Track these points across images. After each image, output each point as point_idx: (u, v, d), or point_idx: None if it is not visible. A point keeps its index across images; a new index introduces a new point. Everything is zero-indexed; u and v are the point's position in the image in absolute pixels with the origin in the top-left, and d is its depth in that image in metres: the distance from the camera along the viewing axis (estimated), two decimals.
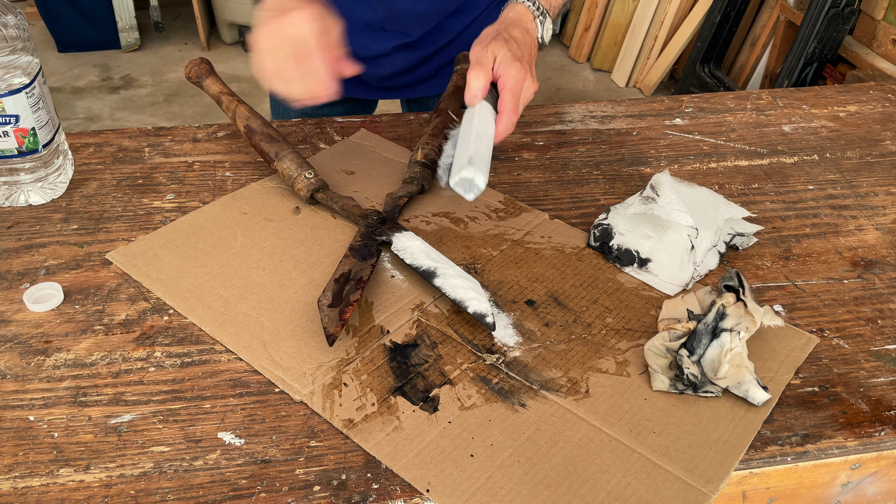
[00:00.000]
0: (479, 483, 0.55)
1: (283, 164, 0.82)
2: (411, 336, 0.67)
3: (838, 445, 0.59)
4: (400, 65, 1.03)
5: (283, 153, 0.83)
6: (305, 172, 0.81)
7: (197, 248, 0.75)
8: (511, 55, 0.74)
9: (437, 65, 1.06)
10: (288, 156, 0.83)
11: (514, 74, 0.73)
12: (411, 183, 0.83)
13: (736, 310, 0.64)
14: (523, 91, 0.74)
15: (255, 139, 0.85)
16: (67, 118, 2.64)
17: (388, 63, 1.02)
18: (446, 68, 1.06)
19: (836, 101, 1.07)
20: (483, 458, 0.57)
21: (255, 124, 0.85)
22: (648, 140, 0.96)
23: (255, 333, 0.66)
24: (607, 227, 0.76)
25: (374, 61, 1.01)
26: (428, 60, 1.04)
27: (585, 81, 3.00)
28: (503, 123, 0.73)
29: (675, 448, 0.58)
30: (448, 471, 0.56)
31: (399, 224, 0.78)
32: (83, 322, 0.67)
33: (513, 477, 0.55)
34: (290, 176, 0.82)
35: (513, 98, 0.73)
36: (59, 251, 0.75)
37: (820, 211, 0.84)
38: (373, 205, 0.82)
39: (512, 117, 0.74)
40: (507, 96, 0.74)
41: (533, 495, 0.54)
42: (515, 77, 0.73)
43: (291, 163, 0.82)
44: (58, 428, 0.58)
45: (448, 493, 0.54)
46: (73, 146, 0.90)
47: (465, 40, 1.03)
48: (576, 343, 0.67)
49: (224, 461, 0.56)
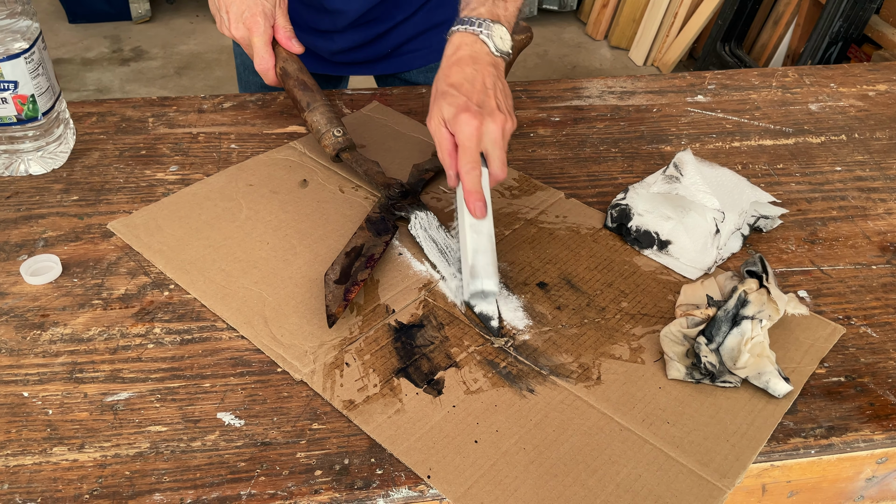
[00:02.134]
0: (482, 470, 0.53)
1: (313, 115, 0.79)
2: (417, 316, 0.64)
3: (864, 438, 0.56)
4: (353, 40, 0.98)
5: (316, 105, 0.79)
6: (335, 129, 0.78)
7: (200, 220, 0.73)
8: (454, 108, 0.64)
9: (392, 44, 1.00)
10: (320, 108, 0.79)
11: (462, 129, 0.63)
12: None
13: (758, 297, 0.61)
14: (485, 137, 0.64)
15: (288, 84, 0.81)
16: (77, 90, 2.62)
17: (341, 39, 0.98)
18: (405, 47, 1.01)
19: (864, 80, 1.03)
20: (487, 444, 0.54)
21: (291, 68, 0.81)
22: (669, 117, 0.93)
23: (256, 309, 0.64)
24: (625, 208, 0.73)
25: (327, 36, 0.98)
26: (381, 38, 0.99)
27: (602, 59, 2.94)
28: (467, 187, 0.64)
29: (690, 440, 0.55)
30: (450, 457, 0.53)
31: (421, 201, 0.75)
32: (81, 296, 0.65)
33: (518, 465, 0.53)
34: (318, 130, 0.79)
35: (467, 155, 0.63)
36: (59, 223, 0.73)
37: (847, 193, 0.81)
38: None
39: (471, 174, 0.64)
40: (461, 157, 0.64)
41: (539, 485, 0.52)
42: (464, 132, 0.63)
43: (322, 116, 0.79)
44: (52, 405, 0.56)
45: (450, 479, 0.52)
46: (76, 115, 0.88)
47: (420, 20, 0.98)
48: (588, 327, 0.64)
49: (223, 442, 0.54)
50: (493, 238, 0.65)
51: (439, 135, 0.65)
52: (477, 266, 0.63)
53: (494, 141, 0.64)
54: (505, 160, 0.65)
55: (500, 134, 0.64)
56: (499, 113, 0.65)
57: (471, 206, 0.64)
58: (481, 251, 0.64)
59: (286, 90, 0.82)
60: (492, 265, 0.63)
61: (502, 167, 0.65)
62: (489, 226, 0.65)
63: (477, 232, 0.64)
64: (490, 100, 0.65)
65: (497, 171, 0.65)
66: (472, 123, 0.63)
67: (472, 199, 0.64)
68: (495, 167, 0.65)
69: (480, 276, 0.63)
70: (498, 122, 0.64)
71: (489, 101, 0.65)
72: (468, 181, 0.64)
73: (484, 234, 0.64)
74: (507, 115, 0.65)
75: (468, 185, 0.64)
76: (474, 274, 0.63)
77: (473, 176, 0.64)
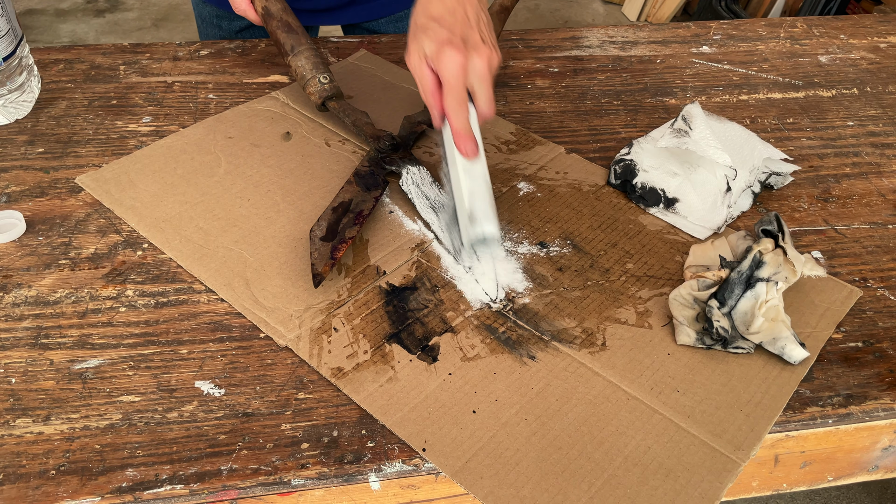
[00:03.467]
0: (481, 443, 0.49)
1: (297, 60, 0.74)
2: (410, 278, 0.60)
3: (884, 407, 0.53)
4: None
5: (301, 48, 0.74)
6: (321, 76, 0.73)
7: (176, 175, 0.68)
8: (435, 43, 0.58)
9: None
10: (305, 52, 0.74)
11: (446, 66, 0.58)
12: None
13: (774, 257, 0.57)
14: (471, 73, 0.59)
15: (271, 25, 0.75)
16: (49, 42, 2.52)
17: None
18: None
19: (875, 32, 0.98)
20: (486, 414, 0.51)
21: (275, 8, 0.75)
22: (673, 69, 0.88)
23: (236, 270, 0.59)
24: (630, 164, 0.68)
25: None
26: None
27: (595, 14, 2.86)
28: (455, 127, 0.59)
29: (701, 409, 0.52)
30: (447, 428, 0.50)
31: (413, 155, 0.70)
32: (47, 255, 0.60)
33: (519, 437, 0.50)
34: (302, 76, 0.73)
35: (453, 93, 0.58)
36: (23, 176, 0.68)
37: (861, 149, 0.77)
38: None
39: (458, 114, 0.59)
40: (447, 95, 0.59)
41: (541, 458, 0.48)
42: (448, 68, 0.58)
43: (307, 61, 0.73)
44: (15, 373, 0.52)
45: (447, 452, 0.48)
46: (41, 62, 0.82)
47: None
48: (592, 290, 0.60)
49: (201, 413, 0.50)
50: (489, 180, 0.60)
51: (420, 73, 0.60)
52: (475, 210, 0.58)
53: (481, 76, 0.59)
54: (492, 97, 0.60)
55: (487, 69, 0.59)
56: (483, 46, 0.59)
57: (461, 147, 0.59)
58: (478, 195, 0.59)
59: (269, 33, 0.76)
60: (490, 208, 0.59)
61: (489, 104, 0.60)
62: (482, 168, 0.60)
63: (470, 175, 0.59)
64: (474, 33, 0.60)
65: (484, 108, 0.60)
66: (456, 59, 0.58)
67: (461, 139, 0.59)
68: (482, 104, 0.60)
69: (480, 220, 0.58)
70: (483, 57, 0.59)
71: (473, 34, 0.59)
72: (456, 121, 0.59)
73: (478, 176, 0.59)
74: (492, 49, 0.60)
75: (456, 126, 0.59)
76: (473, 219, 0.58)
77: (461, 115, 0.59)
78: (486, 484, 0.47)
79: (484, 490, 0.47)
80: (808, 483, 0.57)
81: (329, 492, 0.48)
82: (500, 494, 0.47)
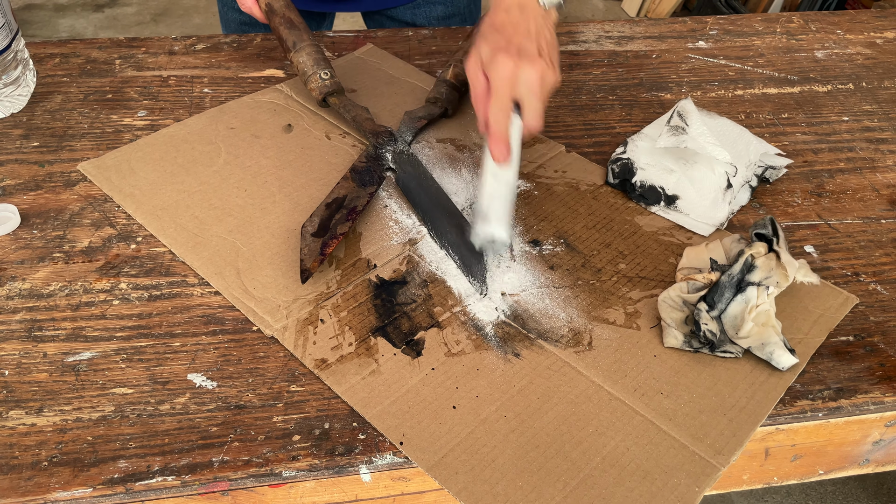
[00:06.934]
0: (459, 438, 0.49)
1: (299, 56, 0.74)
2: (400, 272, 0.60)
3: (875, 401, 0.53)
4: None
5: (302, 45, 0.74)
6: (322, 72, 0.73)
7: (176, 164, 0.68)
8: (491, 49, 0.58)
9: None
10: (307, 48, 0.74)
11: (495, 71, 0.58)
12: (434, 104, 0.75)
13: (766, 262, 0.56)
14: (520, 83, 0.58)
15: (274, 21, 0.76)
16: (49, 37, 2.51)
17: None
18: None
19: (872, 27, 0.98)
20: (466, 410, 0.51)
21: (278, 4, 0.76)
22: (669, 64, 0.88)
23: (228, 259, 0.60)
24: (627, 162, 0.68)
25: None
26: None
27: (594, 10, 2.86)
28: (492, 130, 0.59)
29: (684, 412, 0.51)
30: (426, 423, 0.50)
31: (412, 153, 0.70)
32: (41, 248, 0.61)
33: (497, 434, 0.50)
34: (304, 72, 0.74)
35: (497, 98, 0.58)
36: (18, 170, 0.68)
37: (855, 144, 0.77)
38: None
39: (497, 118, 0.58)
40: (492, 99, 0.58)
41: (518, 455, 0.48)
42: (497, 73, 0.58)
43: (309, 57, 0.74)
44: (9, 365, 0.52)
45: (423, 447, 0.48)
46: (37, 56, 0.82)
47: None
48: (582, 290, 0.60)
49: (193, 406, 0.50)
50: (515, 189, 0.61)
51: (473, 76, 0.60)
52: (491, 212, 0.59)
53: (530, 88, 0.58)
54: (541, 111, 0.59)
55: (538, 81, 0.58)
56: (538, 59, 0.58)
57: (493, 149, 0.59)
58: (497, 197, 0.59)
59: (272, 28, 0.76)
60: (506, 214, 0.59)
61: (537, 118, 0.59)
62: (511, 175, 0.60)
63: (497, 178, 0.60)
64: (531, 44, 0.58)
65: (530, 121, 0.59)
66: (506, 65, 0.57)
67: (494, 142, 0.59)
68: (529, 116, 0.59)
69: (492, 222, 0.59)
70: (536, 69, 0.57)
71: (530, 46, 0.58)
72: (494, 125, 0.58)
73: (504, 182, 0.60)
74: (548, 64, 0.59)
75: (493, 129, 0.59)
76: (487, 220, 0.59)
77: (500, 120, 0.58)
78: (461, 479, 0.47)
79: (458, 485, 0.47)
80: (799, 476, 0.58)
81: (320, 483, 0.49)
82: (474, 490, 0.47)
